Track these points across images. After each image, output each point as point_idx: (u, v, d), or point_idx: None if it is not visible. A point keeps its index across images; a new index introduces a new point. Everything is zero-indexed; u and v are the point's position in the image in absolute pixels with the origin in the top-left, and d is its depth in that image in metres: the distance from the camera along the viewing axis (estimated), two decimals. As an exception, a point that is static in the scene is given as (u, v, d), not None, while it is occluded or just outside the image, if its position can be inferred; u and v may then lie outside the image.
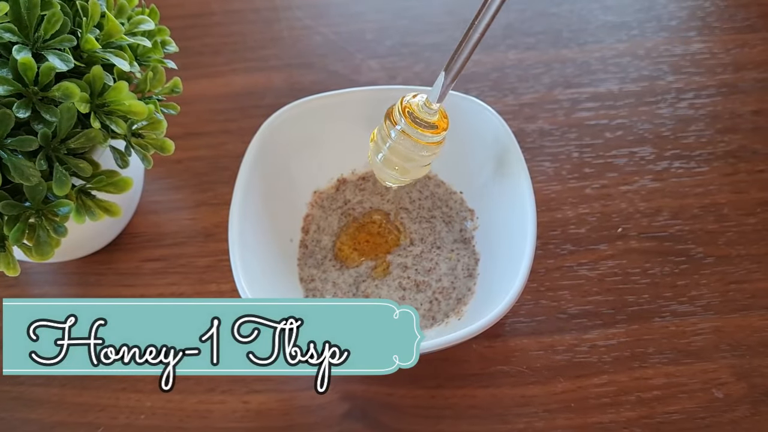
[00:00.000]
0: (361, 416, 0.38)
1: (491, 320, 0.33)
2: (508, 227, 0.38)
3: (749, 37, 0.51)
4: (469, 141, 0.42)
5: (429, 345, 0.33)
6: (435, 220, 0.43)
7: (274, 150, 0.41)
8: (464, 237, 0.42)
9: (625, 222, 0.44)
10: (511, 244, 0.37)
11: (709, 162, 0.46)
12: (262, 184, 0.40)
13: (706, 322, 0.40)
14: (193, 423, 0.39)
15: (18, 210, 0.32)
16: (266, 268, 0.39)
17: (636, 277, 0.42)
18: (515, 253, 0.36)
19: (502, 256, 0.38)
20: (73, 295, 0.43)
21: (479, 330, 0.33)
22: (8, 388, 0.40)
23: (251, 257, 0.37)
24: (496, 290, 0.36)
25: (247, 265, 0.36)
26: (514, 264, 0.35)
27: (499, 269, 0.38)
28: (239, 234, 0.37)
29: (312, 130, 0.42)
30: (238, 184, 0.39)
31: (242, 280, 0.35)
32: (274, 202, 0.41)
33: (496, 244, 0.39)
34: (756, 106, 0.48)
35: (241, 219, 0.37)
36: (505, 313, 0.33)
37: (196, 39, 0.53)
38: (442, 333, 0.37)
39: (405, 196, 0.44)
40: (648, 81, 0.49)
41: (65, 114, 0.32)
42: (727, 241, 0.43)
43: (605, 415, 0.38)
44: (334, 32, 0.53)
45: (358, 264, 0.42)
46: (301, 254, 0.42)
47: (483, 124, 0.41)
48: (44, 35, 0.32)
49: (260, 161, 0.40)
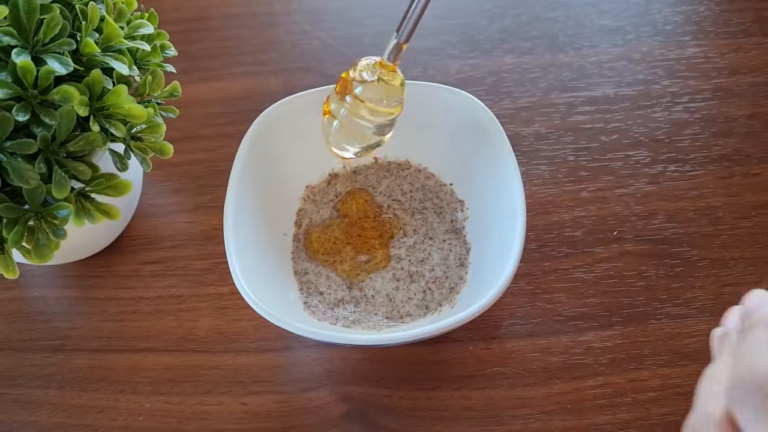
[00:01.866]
0: (359, 417, 0.38)
1: (485, 305, 0.34)
2: (498, 213, 0.39)
3: (744, 42, 0.52)
4: (454, 131, 0.43)
5: (424, 331, 0.33)
6: (426, 211, 0.44)
7: (266, 146, 0.42)
8: (455, 227, 0.43)
9: (620, 225, 0.44)
10: (502, 229, 0.37)
11: (704, 165, 0.46)
12: (255, 179, 0.41)
13: (701, 325, 0.40)
14: (192, 425, 0.39)
15: (17, 213, 0.32)
16: (262, 263, 0.39)
17: (631, 279, 0.42)
18: (506, 239, 0.36)
19: (493, 243, 0.38)
20: (72, 298, 0.44)
21: (473, 315, 0.33)
22: (6, 390, 0.41)
23: (247, 252, 0.37)
24: (488, 277, 0.36)
25: (243, 260, 0.37)
26: (506, 251, 0.36)
27: (490, 257, 0.38)
28: (234, 230, 0.37)
29: (303, 125, 0.43)
30: (232, 181, 0.39)
31: (240, 277, 0.35)
32: (267, 197, 0.42)
33: (486, 233, 0.40)
34: (750, 110, 0.48)
35: (235, 215, 0.38)
36: (497, 298, 0.34)
37: (195, 43, 0.54)
38: (435, 321, 0.38)
39: (396, 189, 0.45)
40: (643, 85, 0.50)
41: (64, 117, 0.32)
42: (721, 244, 0.43)
43: (601, 416, 0.38)
44: (331, 36, 0.54)
45: (352, 257, 0.42)
46: (295, 248, 0.43)
47: (461, 109, 0.42)
48: (44, 39, 0.32)
49: (253, 157, 0.41)
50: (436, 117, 0.43)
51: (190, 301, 0.43)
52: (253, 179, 0.40)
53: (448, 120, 0.43)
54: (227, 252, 0.36)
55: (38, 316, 0.43)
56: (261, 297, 0.35)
